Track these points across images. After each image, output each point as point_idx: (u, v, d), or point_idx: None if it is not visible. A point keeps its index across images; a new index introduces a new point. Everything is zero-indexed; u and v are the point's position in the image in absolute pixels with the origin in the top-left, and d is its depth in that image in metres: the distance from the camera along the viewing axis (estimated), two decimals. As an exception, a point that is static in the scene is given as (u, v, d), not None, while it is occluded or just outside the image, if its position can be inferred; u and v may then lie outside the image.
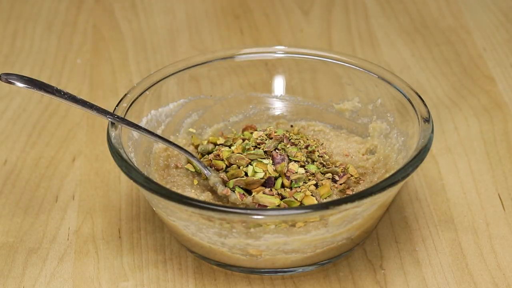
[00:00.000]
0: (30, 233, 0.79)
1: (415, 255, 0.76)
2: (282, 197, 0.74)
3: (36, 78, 0.73)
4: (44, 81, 0.73)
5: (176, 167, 0.80)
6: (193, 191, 0.77)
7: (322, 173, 0.77)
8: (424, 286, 0.73)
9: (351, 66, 0.82)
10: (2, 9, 1.13)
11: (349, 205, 0.67)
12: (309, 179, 0.76)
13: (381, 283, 0.74)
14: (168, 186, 0.77)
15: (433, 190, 0.83)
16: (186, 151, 0.77)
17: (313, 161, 0.77)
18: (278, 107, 0.86)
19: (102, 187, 0.84)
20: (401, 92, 0.78)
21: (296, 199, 0.74)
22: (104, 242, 0.78)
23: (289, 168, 0.76)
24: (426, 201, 0.82)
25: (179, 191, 0.76)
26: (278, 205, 0.73)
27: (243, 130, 0.83)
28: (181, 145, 0.81)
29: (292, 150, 0.77)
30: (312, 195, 0.74)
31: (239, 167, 0.76)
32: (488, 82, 0.98)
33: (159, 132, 0.81)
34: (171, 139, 0.81)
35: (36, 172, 0.86)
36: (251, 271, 0.74)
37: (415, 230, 0.79)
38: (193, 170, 0.79)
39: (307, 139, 0.80)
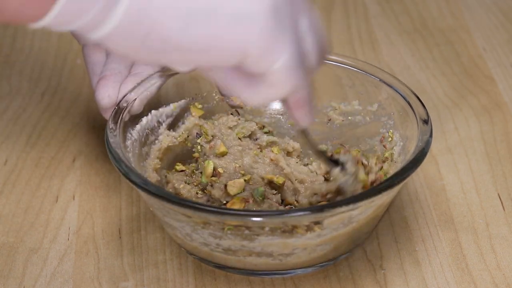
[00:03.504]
0: (30, 233, 0.79)
1: (415, 255, 0.76)
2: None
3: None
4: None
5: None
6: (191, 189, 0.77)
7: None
8: (424, 286, 0.73)
9: (351, 68, 0.82)
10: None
11: (343, 208, 0.66)
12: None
13: (381, 283, 0.74)
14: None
15: (433, 190, 0.83)
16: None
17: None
18: (278, 108, 0.86)
19: (102, 187, 0.84)
20: (400, 94, 0.78)
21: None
22: (104, 242, 0.78)
23: None
24: (426, 201, 0.82)
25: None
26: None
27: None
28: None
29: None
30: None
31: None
32: (488, 82, 0.98)
33: (159, 132, 0.81)
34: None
35: (36, 172, 0.86)
36: (249, 273, 0.73)
37: (415, 230, 0.79)
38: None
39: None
